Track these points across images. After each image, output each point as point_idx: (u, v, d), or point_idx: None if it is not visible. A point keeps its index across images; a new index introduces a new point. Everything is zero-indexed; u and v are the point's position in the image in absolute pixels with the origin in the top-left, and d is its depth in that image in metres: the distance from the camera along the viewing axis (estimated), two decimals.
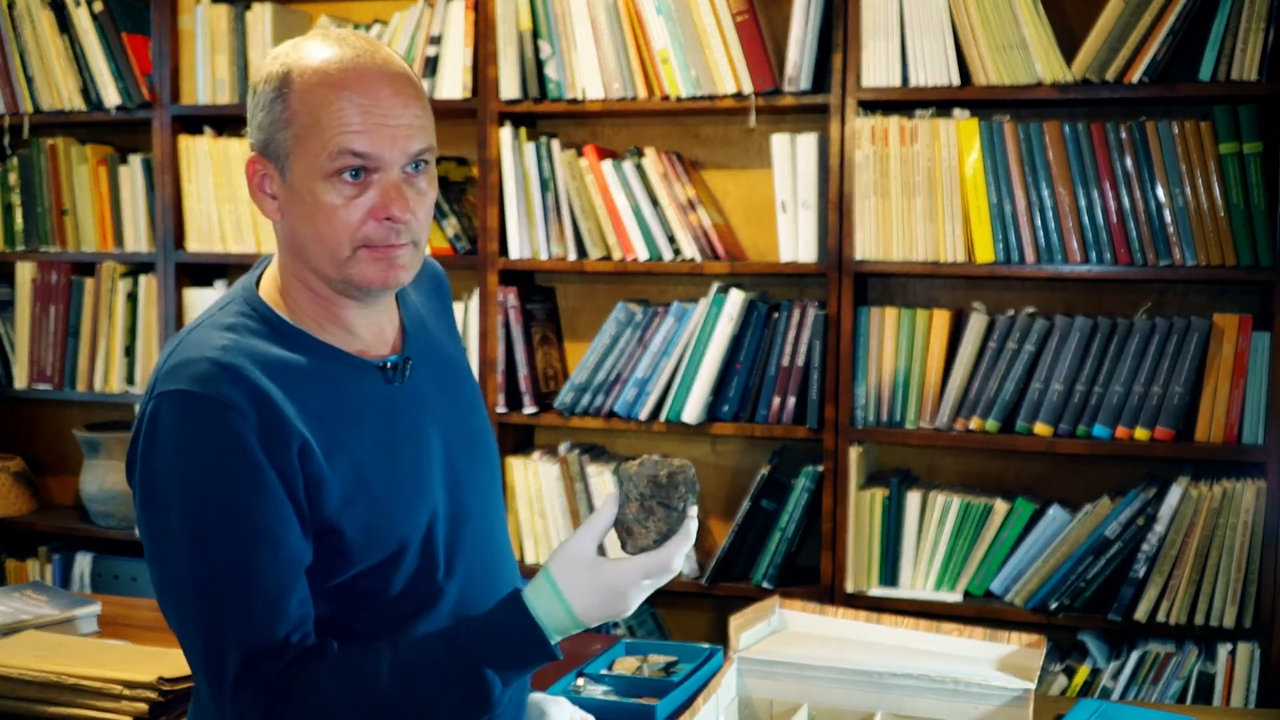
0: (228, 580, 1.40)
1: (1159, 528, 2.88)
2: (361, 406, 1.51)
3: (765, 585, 3.15)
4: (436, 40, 3.35)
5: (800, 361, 3.13)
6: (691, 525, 1.48)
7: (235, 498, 1.40)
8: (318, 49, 1.47)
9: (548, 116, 3.39)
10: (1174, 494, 2.87)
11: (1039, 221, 2.93)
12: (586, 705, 1.95)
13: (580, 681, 2.13)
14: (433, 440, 1.57)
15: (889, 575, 3.11)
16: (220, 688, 1.41)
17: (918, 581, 3.09)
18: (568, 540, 1.47)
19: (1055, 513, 3.00)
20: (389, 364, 1.55)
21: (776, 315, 3.17)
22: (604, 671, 2.16)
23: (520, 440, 3.48)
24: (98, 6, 3.60)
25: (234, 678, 1.39)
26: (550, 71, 3.26)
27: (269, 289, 1.54)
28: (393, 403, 1.54)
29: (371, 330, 1.56)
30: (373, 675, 1.42)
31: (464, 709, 1.43)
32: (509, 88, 3.28)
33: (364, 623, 1.50)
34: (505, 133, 3.30)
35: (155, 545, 1.44)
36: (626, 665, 2.20)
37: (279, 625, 1.41)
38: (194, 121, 3.63)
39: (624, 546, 1.49)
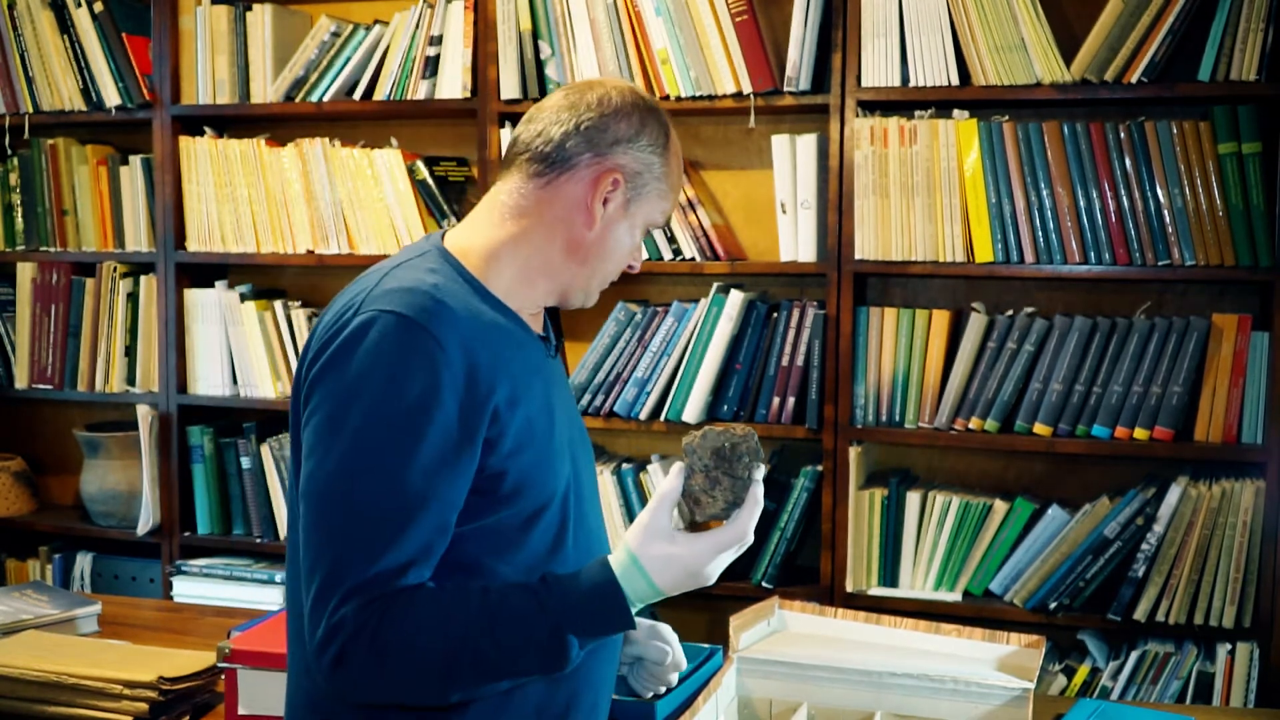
0: (377, 499, 1.45)
1: (1158, 527, 2.88)
2: (534, 368, 1.63)
3: (765, 585, 3.15)
4: (437, 40, 3.35)
5: (800, 361, 3.14)
6: (758, 491, 1.55)
7: (415, 428, 1.46)
8: (670, 127, 1.70)
9: None
10: (1173, 494, 2.88)
11: (1038, 222, 2.93)
12: None
13: None
14: (564, 417, 1.68)
15: (888, 575, 3.11)
16: (328, 595, 1.45)
17: (917, 581, 3.09)
18: (643, 515, 1.54)
19: (1054, 512, 3.00)
20: (550, 339, 1.71)
21: (776, 315, 3.17)
22: None
23: None
24: (98, 7, 3.60)
25: (348, 588, 1.44)
26: (550, 72, 3.26)
27: (461, 253, 1.63)
28: (550, 372, 1.68)
29: (538, 316, 1.71)
30: (461, 615, 1.47)
31: (541, 663, 1.50)
32: (509, 88, 3.29)
33: (499, 571, 1.56)
34: (505, 133, 3.30)
35: (321, 445, 1.48)
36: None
37: (406, 553, 1.46)
38: (194, 122, 3.63)
39: (694, 516, 1.55)
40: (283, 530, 3.54)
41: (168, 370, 3.64)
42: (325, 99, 3.47)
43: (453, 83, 3.35)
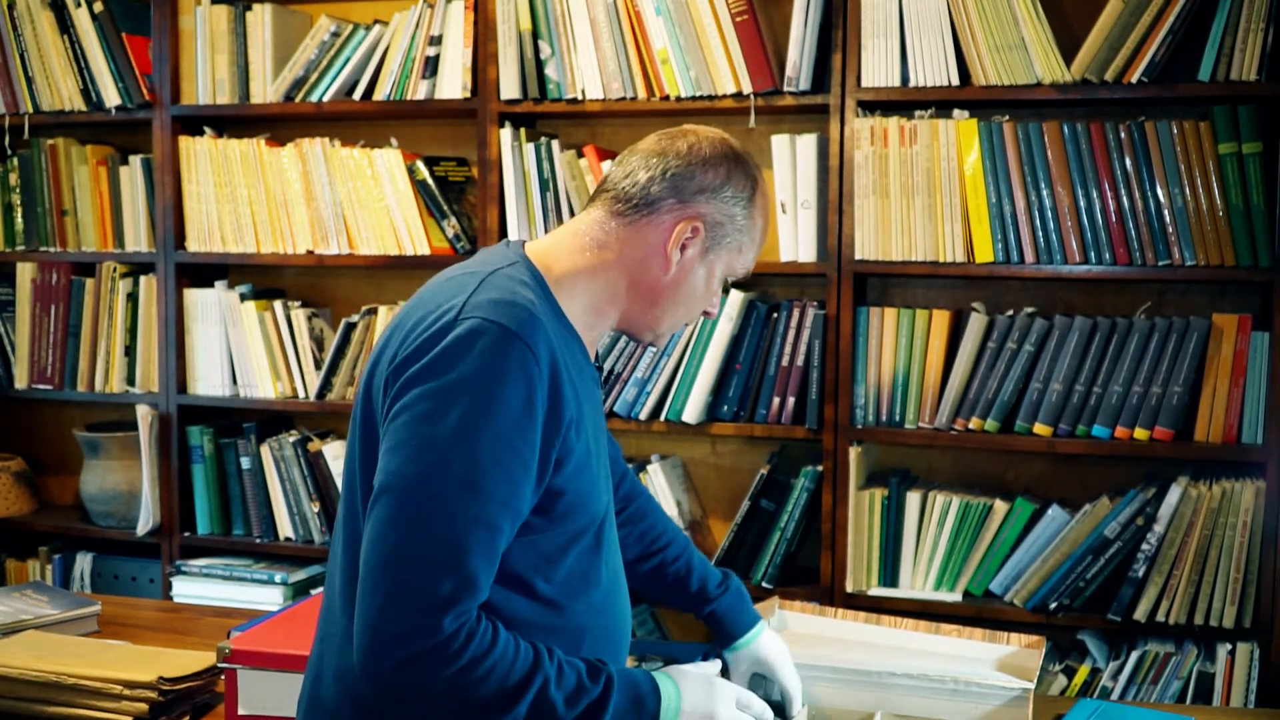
0: (474, 505, 1.48)
1: (1158, 528, 2.88)
2: (588, 395, 1.68)
3: (765, 585, 3.15)
4: (436, 40, 3.35)
5: (800, 361, 3.14)
6: None
7: (508, 439, 1.50)
8: (760, 176, 1.75)
9: (548, 117, 3.40)
10: (1173, 494, 2.88)
11: (1038, 222, 2.93)
12: None
13: None
14: (598, 442, 1.72)
15: (888, 575, 3.11)
16: (427, 601, 1.46)
17: (917, 581, 3.09)
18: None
19: (1055, 513, 3.00)
20: (602, 369, 1.73)
21: (776, 315, 3.17)
22: None
23: None
24: (98, 7, 3.60)
25: (449, 592, 1.46)
26: (550, 72, 3.26)
27: (545, 271, 1.68)
28: (595, 399, 1.73)
29: (595, 343, 1.76)
30: (527, 660, 1.52)
31: None
32: (509, 88, 3.29)
33: (537, 586, 1.61)
34: (505, 133, 3.30)
35: (414, 442, 1.49)
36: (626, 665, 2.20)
37: (488, 567, 1.51)
38: (194, 122, 3.63)
39: None
40: (283, 530, 3.55)
41: (167, 370, 3.64)
42: (325, 99, 3.47)
43: (453, 83, 3.35)
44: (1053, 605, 2.96)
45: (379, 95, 3.42)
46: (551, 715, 1.52)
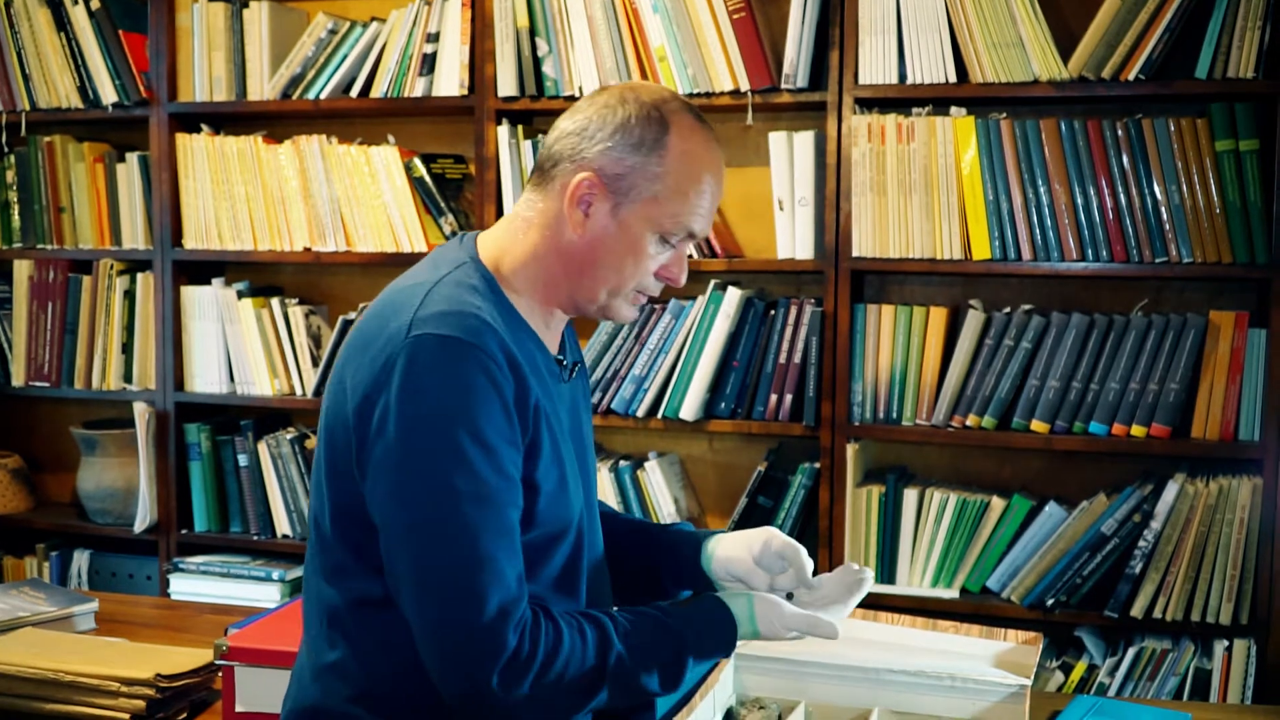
0: (488, 517, 1.47)
1: (1155, 524, 2.88)
2: (549, 391, 1.62)
3: None
4: (434, 38, 3.35)
5: (797, 359, 3.14)
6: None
7: (495, 439, 1.48)
8: (691, 121, 1.61)
9: (545, 114, 3.40)
10: (1170, 491, 2.88)
11: (1035, 219, 2.94)
12: None
13: None
14: (574, 438, 1.69)
15: (886, 572, 3.11)
16: (474, 618, 1.45)
17: (914, 578, 3.10)
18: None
19: (1052, 509, 3.01)
20: (564, 362, 1.69)
21: (773, 312, 3.17)
22: None
23: None
24: (95, 4, 3.60)
25: (498, 608, 1.46)
26: (547, 69, 3.26)
27: (492, 266, 1.64)
28: (559, 395, 1.67)
29: (554, 333, 1.70)
30: (604, 636, 1.54)
31: (663, 684, 1.58)
32: (506, 85, 3.28)
33: None
34: (502, 130, 3.30)
35: (413, 482, 1.48)
36: None
37: (519, 564, 1.51)
38: (191, 119, 3.63)
39: None
40: (280, 527, 3.54)
41: (165, 368, 3.64)
42: (322, 96, 3.47)
43: (450, 80, 3.35)
44: (1050, 602, 2.96)
45: (376, 92, 3.42)
46: (635, 684, 1.55)
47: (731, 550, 1.78)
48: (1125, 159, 2.87)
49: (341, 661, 1.60)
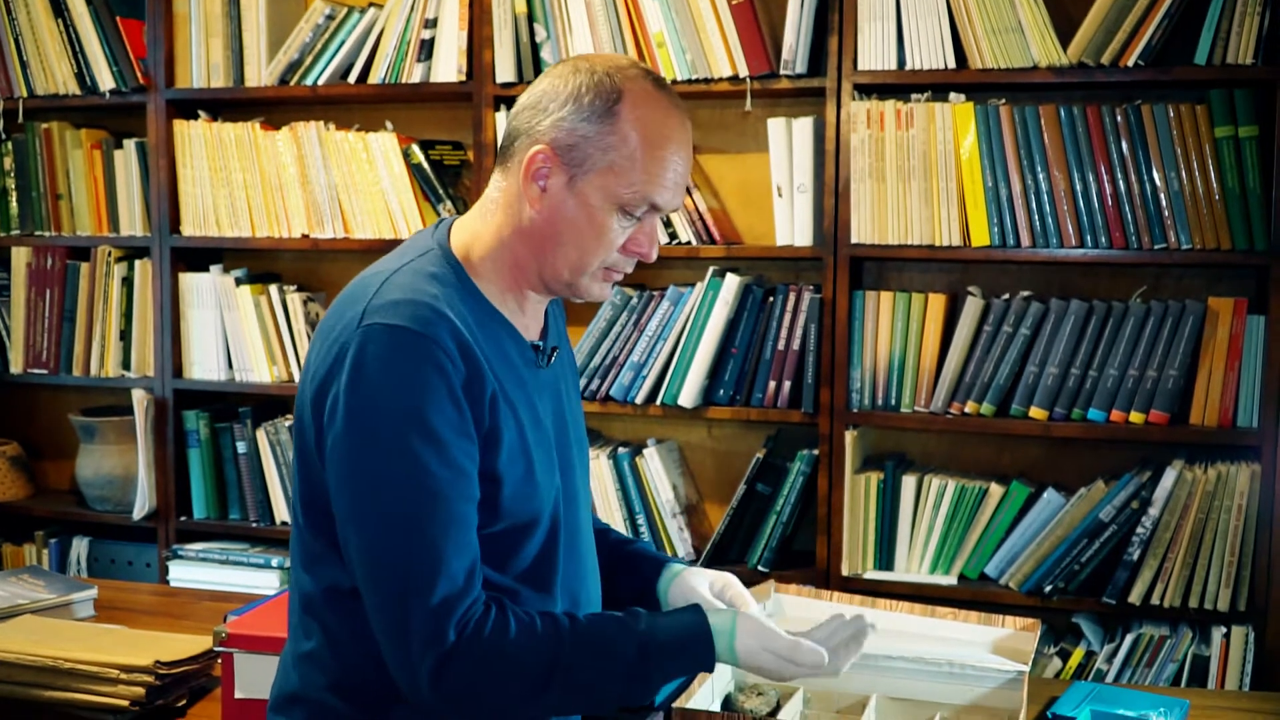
0: (434, 509, 1.46)
1: (1153, 511, 2.89)
2: (520, 379, 1.60)
3: (761, 569, 3.16)
4: (432, 24, 3.34)
5: (796, 345, 3.14)
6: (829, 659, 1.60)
7: (444, 430, 1.46)
8: (648, 88, 1.57)
9: None
10: (1168, 477, 2.88)
11: (1034, 205, 2.93)
12: None
13: None
14: (554, 426, 1.67)
15: (884, 559, 3.11)
16: (415, 610, 1.45)
17: (913, 565, 3.10)
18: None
19: (1050, 496, 3.01)
20: (543, 347, 1.66)
21: (772, 299, 3.17)
22: None
23: None
24: None
25: (440, 600, 1.45)
26: (545, 55, 3.26)
27: (462, 252, 1.62)
28: (536, 383, 1.64)
29: (532, 317, 1.67)
30: (554, 636, 1.50)
31: (626, 692, 1.53)
32: (504, 71, 3.28)
33: (492, 579, 1.56)
34: (500, 116, 3.29)
35: (359, 473, 1.47)
36: None
37: (470, 558, 1.49)
38: (189, 105, 3.62)
39: None
40: (279, 514, 3.55)
41: (163, 355, 3.63)
42: (320, 82, 3.46)
43: (448, 66, 3.34)
44: (1048, 588, 2.96)
45: (374, 78, 3.41)
46: (591, 687, 1.51)
47: (693, 580, 1.76)
48: (1124, 145, 2.87)
49: (317, 650, 1.60)
